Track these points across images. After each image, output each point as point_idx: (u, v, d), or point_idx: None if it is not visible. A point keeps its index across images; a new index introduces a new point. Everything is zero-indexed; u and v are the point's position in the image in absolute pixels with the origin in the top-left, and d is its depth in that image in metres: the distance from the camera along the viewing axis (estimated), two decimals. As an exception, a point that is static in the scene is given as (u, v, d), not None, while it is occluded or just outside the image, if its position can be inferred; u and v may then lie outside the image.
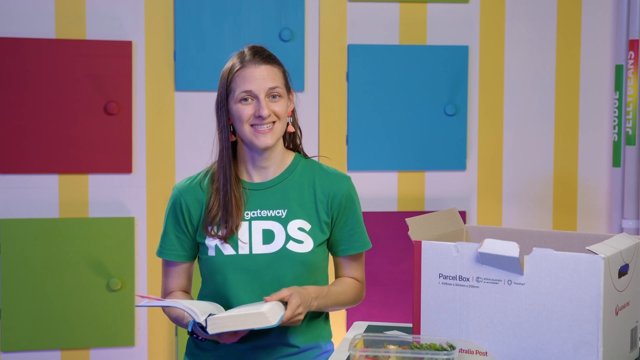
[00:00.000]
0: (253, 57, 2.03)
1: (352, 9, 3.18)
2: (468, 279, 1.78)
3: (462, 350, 1.80)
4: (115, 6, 3.06)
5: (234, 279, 2.04)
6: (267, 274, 2.03)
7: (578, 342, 1.68)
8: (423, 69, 3.20)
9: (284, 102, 2.05)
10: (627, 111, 3.24)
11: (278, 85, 2.04)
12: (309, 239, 2.05)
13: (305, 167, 2.12)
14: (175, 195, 2.10)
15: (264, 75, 2.02)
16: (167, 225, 2.11)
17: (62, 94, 3.02)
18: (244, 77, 2.01)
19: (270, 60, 2.06)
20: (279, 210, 2.06)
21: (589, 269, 1.66)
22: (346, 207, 2.10)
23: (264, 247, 2.04)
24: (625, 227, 3.24)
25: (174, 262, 2.13)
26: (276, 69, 2.05)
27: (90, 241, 3.04)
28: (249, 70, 2.02)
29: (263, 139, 2.01)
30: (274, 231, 2.05)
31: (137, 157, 3.09)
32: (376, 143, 3.19)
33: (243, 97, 2.01)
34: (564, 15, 3.29)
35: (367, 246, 2.14)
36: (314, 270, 2.08)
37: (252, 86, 2.01)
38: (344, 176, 2.13)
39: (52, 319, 3.03)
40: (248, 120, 2.01)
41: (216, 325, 1.84)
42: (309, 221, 2.06)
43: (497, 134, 3.28)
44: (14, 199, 3.02)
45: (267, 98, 2.02)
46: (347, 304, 2.12)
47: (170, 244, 2.11)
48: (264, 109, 2.00)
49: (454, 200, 3.25)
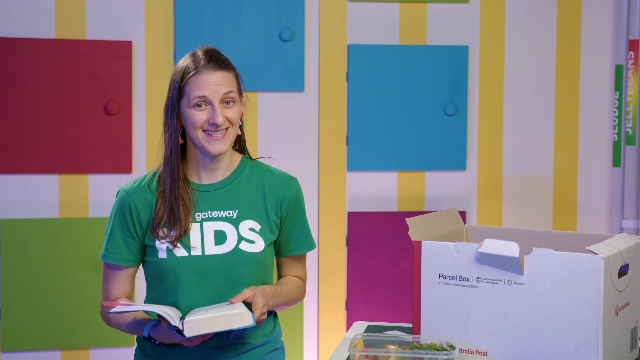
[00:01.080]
0: (208, 63, 2.02)
1: (352, 9, 3.18)
2: (468, 279, 1.78)
3: (462, 350, 1.80)
4: (115, 6, 3.06)
5: (186, 280, 2.02)
6: (220, 274, 2.03)
7: (578, 342, 1.68)
8: (423, 69, 3.20)
9: (237, 107, 2.05)
10: (627, 111, 3.24)
11: (232, 90, 2.02)
12: (260, 239, 2.06)
13: (252, 168, 2.13)
14: (122, 198, 2.07)
15: (219, 81, 2.00)
16: (114, 228, 2.07)
17: (62, 94, 3.02)
18: (198, 83, 2.00)
19: (225, 65, 2.04)
20: (230, 211, 2.06)
21: (589, 269, 1.66)
22: (295, 208, 2.12)
23: (217, 247, 2.03)
24: (625, 227, 3.24)
25: (120, 267, 2.08)
26: (230, 74, 2.04)
27: (90, 241, 3.04)
28: (203, 76, 2.00)
29: (216, 145, 2.01)
30: (226, 232, 2.04)
31: (137, 157, 3.09)
32: (376, 143, 3.18)
33: (197, 103, 2.00)
34: (564, 15, 3.29)
35: (312, 246, 2.18)
36: (265, 270, 2.09)
37: (207, 92, 1.99)
38: (291, 178, 2.15)
39: (52, 319, 3.03)
40: (201, 126, 2.00)
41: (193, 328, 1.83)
42: (259, 222, 2.07)
43: (497, 134, 3.28)
44: (14, 199, 3.02)
45: (221, 104, 2.01)
46: (294, 302, 2.16)
47: (117, 248, 2.06)
48: (218, 117, 1.98)
49: (454, 200, 3.25)
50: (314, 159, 3.16)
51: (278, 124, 3.15)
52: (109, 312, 1.94)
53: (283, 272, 2.19)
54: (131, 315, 2.05)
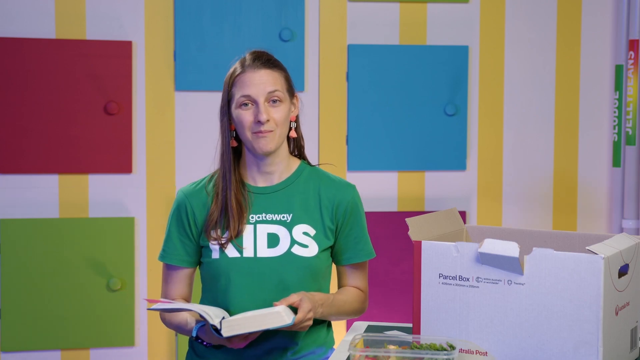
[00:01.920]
0: (253, 62, 2.03)
1: (352, 9, 3.18)
2: (468, 279, 1.78)
3: (462, 350, 1.80)
4: (115, 6, 3.06)
5: (237, 282, 2.03)
6: (271, 277, 2.02)
7: (578, 342, 1.68)
8: (423, 69, 3.20)
9: (285, 107, 2.04)
10: (627, 111, 3.24)
11: (278, 88, 2.03)
12: (314, 243, 2.05)
13: (310, 174, 2.13)
14: (180, 199, 2.10)
15: (263, 79, 2.01)
16: (171, 229, 2.10)
17: (62, 94, 3.02)
18: (243, 82, 2.01)
19: (271, 64, 2.05)
20: (284, 215, 2.06)
21: (589, 269, 1.66)
22: (351, 215, 2.10)
23: (269, 250, 2.03)
24: (625, 227, 3.24)
25: (177, 267, 2.11)
26: (277, 73, 2.05)
27: (90, 241, 3.04)
28: (248, 74, 2.02)
29: (263, 142, 2.01)
30: (279, 235, 2.04)
31: (137, 157, 3.09)
32: (376, 143, 3.18)
33: (243, 102, 2.01)
34: (564, 15, 3.29)
35: (371, 255, 2.14)
36: (318, 276, 2.07)
37: (250, 91, 2.00)
38: (349, 184, 2.14)
39: (52, 319, 3.03)
40: (249, 126, 2.01)
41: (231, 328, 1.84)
42: (313, 226, 2.06)
43: (497, 134, 3.28)
44: (14, 199, 3.02)
45: (266, 103, 2.01)
46: (351, 314, 2.12)
47: (174, 248, 2.09)
48: (262, 114, 1.99)
49: (454, 200, 3.25)
50: (314, 159, 3.16)
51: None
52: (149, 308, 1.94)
53: (341, 282, 2.16)
54: (183, 316, 2.05)
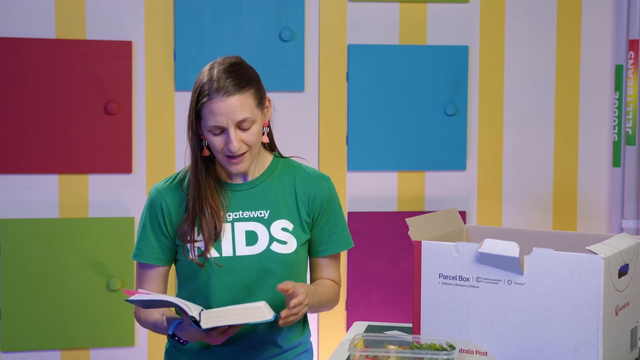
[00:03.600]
0: (221, 87, 1.94)
1: (352, 9, 3.18)
2: (468, 279, 1.78)
3: (462, 350, 1.80)
4: (115, 6, 3.06)
5: (217, 281, 2.01)
6: (251, 275, 2.01)
7: (578, 342, 1.68)
8: (423, 69, 3.20)
9: (257, 126, 1.99)
10: (627, 111, 3.24)
11: (247, 116, 1.95)
12: (293, 239, 2.04)
13: (284, 167, 2.11)
14: (154, 196, 2.06)
15: (232, 108, 1.94)
16: (145, 227, 2.06)
17: (62, 94, 3.02)
18: (212, 110, 1.94)
19: (239, 86, 1.96)
20: (262, 212, 2.04)
21: (589, 269, 1.66)
22: (327, 208, 2.09)
23: (248, 248, 2.01)
24: (625, 227, 3.24)
25: (152, 266, 2.07)
26: (245, 96, 1.96)
27: (90, 241, 3.04)
28: (216, 104, 1.93)
29: (236, 167, 1.99)
30: (257, 232, 2.02)
31: (137, 157, 3.09)
32: (376, 143, 3.19)
33: (212, 130, 1.96)
34: (564, 15, 3.29)
35: (348, 245, 2.13)
36: (297, 271, 2.07)
37: (220, 120, 1.94)
38: (323, 176, 2.12)
39: (52, 319, 3.03)
40: (221, 151, 1.98)
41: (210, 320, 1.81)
42: (291, 221, 2.05)
43: (497, 134, 3.28)
44: (14, 199, 3.02)
45: (237, 129, 1.96)
46: (328, 305, 2.11)
47: (150, 247, 2.05)
48: (233, 144, 1.94)
49: (454, 200, 3.25)
50: (314, 159, 3.16)
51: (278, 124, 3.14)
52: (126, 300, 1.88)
53: (316, 275, 2.14)
54: (158, 314, 2.03)
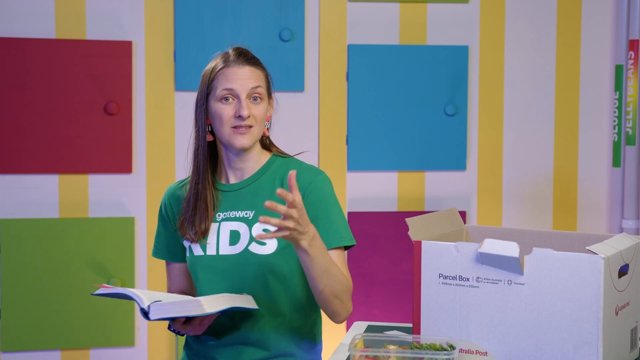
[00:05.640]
0: (237, 58, 2.03)
1: (352, 9, 3.18)
2: (468, 279, 1.78)
3: (462, 350, 1.80)
4: (115, 6, 3.06)
5: (204, 278, 2.03)
6: (231, 275, 2.01)
7: (578, 342, 1.68)
8: (423, 69, 3.20)
9: (264, 105, 2.03)
10: (627, 111, 3.24)
11: (260, 84, 2.02)
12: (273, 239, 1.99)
13: (280, 165, 2.08)
14: (163, 197, 2.14)
15: (246, 75, 2.00)
16: (159, 226, 2.14)
17: (62, 94, 3.02)
18: (227, 76, 2.00)
19: (254, 62, 2.05)
20: (247, 212, 2.03)
21: (589, 269, 1.66)
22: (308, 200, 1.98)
23: (230, 248, 2.02)
24: (625, 227, 3.24)
25: (169, 262, 2.16)
26: (259, 72, 2.04)
27: (90, 241, 3.04)
28: (232, 69, 2.01)
29: (241, 139, 1.99)
30: (240, 232, 2.02)
31: (137, 157, 3.09)
32: (376, 143, 3.18)
33: (224, 96, 1.99)
34: (564, 15, 3.29)
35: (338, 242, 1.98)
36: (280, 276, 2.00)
37: (234, 85, 1.99)
38: (315, 169, 2.05)
39: (52, 319, 3.03)
40: (228, 121, 1.99)
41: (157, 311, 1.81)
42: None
43: (497, 134, 3.28)
44: (14, 199, 3.02)
45: (248, 99, 2.00)
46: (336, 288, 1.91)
47: (162, 245, 2.14)
48: (244, 109, 1.97)
49: (454, 200, 3.25)
50: (314, 159, 3.16)
51: (278, 124, 3.14)
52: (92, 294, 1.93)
53: None
54: None
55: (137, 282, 3.09)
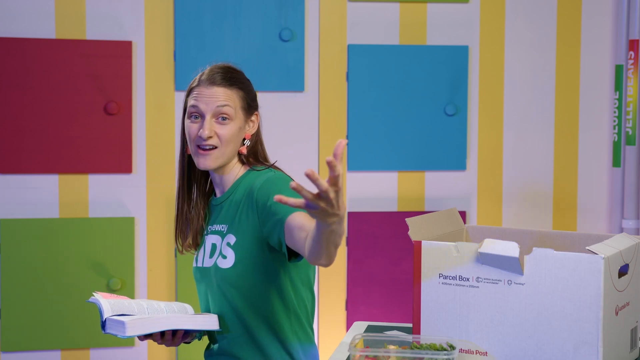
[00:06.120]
0: (208, 77, 2.01)
1: (352, 9, 3.18)
2: (468, 279, 1.78)
3: (462, 350, 1.80)
4: (115, 6, 3.06)
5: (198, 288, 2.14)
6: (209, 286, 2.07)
7: (578, 342, 1.68)
8: (423, 69, 3.20)
9: (234, 125, 1.99)
10: (627, 111, 3.24)
11: (228, 104, 1.98)
12: (231, 253, 1.99)
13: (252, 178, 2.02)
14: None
15: (214, 95, 1.99)
16: None
17: (62, 94, 3.02)
18: (195, 96, 2.01)
19: (227, 81, 2.01)
20: (222, 225, 2.06)
21: (589, 269, 1.66)
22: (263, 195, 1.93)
23: (208, 260, 2.06)
24: (625, 227, 3.24)
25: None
26: (231, 91, 2.00)
27: (90, 241, 3.04)
28: (200, 88, 2.01)
29: (203, 160, 1.99)
30: (217, 245, 2.06)
31: (137, 157, 3.09)
32: (376, 143, 3.18)
33: (191, 113, 2.01)
34: (564, 15, 3.29)
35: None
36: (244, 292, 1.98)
37: (199, 104, 1.99)
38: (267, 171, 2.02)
39: (52, 319, 3.03)
40: (194, 139, 1.99)
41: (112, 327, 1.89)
42: (235, 234, 2.00)
43: (497, 134, 3.28)
44: (14, 199, 3.02)
45: (213, 119, 1.98)
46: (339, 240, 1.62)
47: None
48: (205, 130, 1.96)
49: (454, 200, 3.25)
50: (314, 159, 3.16)
51: (278, 124, 3.15)
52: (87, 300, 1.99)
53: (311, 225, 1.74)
54: None
55: (137, 282, 3.09)
